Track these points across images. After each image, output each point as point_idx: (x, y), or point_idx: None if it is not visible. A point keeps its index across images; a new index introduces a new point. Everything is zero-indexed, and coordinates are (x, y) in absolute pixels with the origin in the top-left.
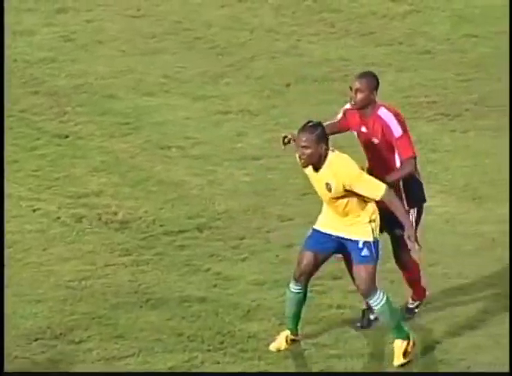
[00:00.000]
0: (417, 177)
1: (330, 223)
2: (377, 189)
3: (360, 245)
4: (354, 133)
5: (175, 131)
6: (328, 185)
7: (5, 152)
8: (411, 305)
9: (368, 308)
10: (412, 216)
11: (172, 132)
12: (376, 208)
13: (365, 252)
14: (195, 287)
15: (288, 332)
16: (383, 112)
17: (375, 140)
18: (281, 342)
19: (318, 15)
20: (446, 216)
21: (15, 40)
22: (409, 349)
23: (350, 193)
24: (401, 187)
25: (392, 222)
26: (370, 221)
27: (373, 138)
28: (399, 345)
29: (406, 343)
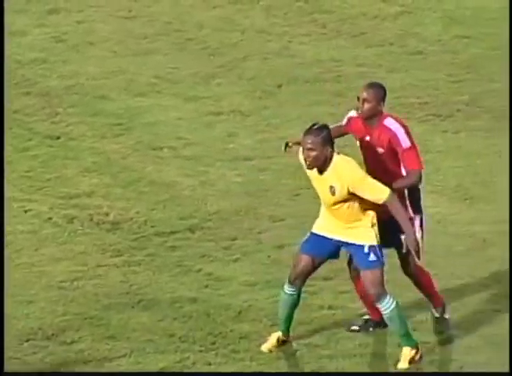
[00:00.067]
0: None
1: (329, 227)
2: (381, 192)
3: (366, 250)
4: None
5: (167, 131)
6: (332, 188)
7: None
8: (437, 314)
9: (369, 319)
10: (417, 223)
11: (164, 133)
12: (375, 213)
13: (372, 257)
14: (186, 288)
15: (280, 333)
16: (390, 122)
17: (380, 150)
18: (272, 343)
19: (309, 16)
20: (438, 217)
21: (6, 41)
22: (416, 358)
23: (353, 197)
24: (405, 195)
25: (396, 233)
26: (372, 225)
27: (378, 147)
28: (407, 353)
29: (415, 352)
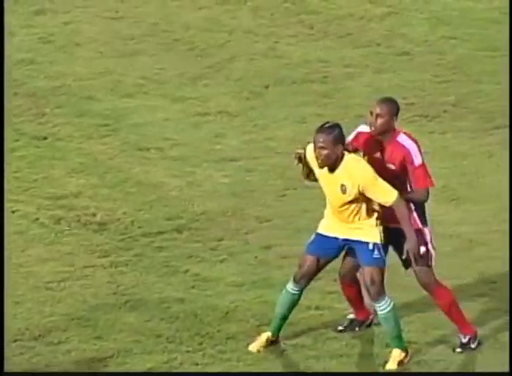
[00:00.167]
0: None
1: (334, 227)
2: (390, 195)
3: (370, 247)
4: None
5: (154, 132)
6: (343, 186)
7: None
8: (464, 340)
9: (354, 319)
10: (427, 235)
11: (151, 134)
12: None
13: (376, 254)
14: (173, 289)
15: (269, 333)
16: (403, 139)
17: (391, 166)
18: (261, 343)
19: (296, 17)
20: None
21: None
22: (405, 361)
23: (361, 198)
24: (412, 208)
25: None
26: (377, 225)
27: (390, 164)
28: (397, 355)
29: (404, 355)
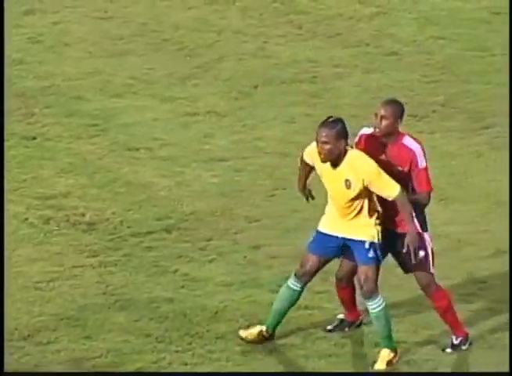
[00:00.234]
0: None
1: (334, 225)
2: (393, 189)
3: (366, 246)
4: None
5: (143, 132)
6: (348, 181)
7: None
8: (455, 341)
9: (344, 319)
10: (427, 238)
11: (140, 134)
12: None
13: (371, 254)
14: (163, 289)
15: (263, 327)
16: (410, 142)
17: (397, 168)
18: (252, 333)
19: (285, 17)
20: None
21: None
22: (394, 361)
23: (364, 194)
24: (412, 213)
25: (406, 255)
26: (376, 224)
27: (396, 166)
28: (386, 354)
29: (393, 355)
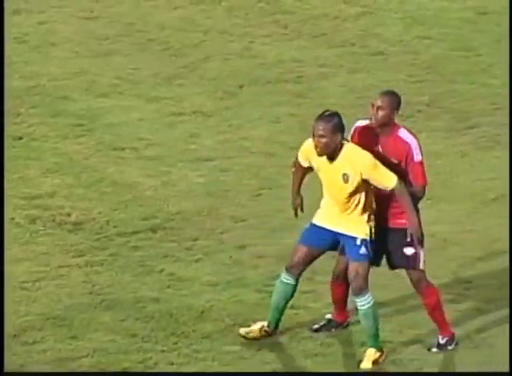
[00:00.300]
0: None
1: (329, 218)
2: (391, 180)
3: (358, 242)
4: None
5: (129, 132)
6: (345, 175)
7: None
8: (442, 341)
9: (332, 319)
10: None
11: (126, 134)
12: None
13: (363, 250)
14: (149, 288)
15: (265, 323)
16: (406, 135)
17: (393, 160)
18: (253, 330)
19: (271, 16)
20: None
21: None
22: (380, 360)
23: (361, 188)
24: (411, 203)
25: (399, 251)
26: (369, 221)
27: (392, 158)
28: (372, 354)
29: (379, 355)
